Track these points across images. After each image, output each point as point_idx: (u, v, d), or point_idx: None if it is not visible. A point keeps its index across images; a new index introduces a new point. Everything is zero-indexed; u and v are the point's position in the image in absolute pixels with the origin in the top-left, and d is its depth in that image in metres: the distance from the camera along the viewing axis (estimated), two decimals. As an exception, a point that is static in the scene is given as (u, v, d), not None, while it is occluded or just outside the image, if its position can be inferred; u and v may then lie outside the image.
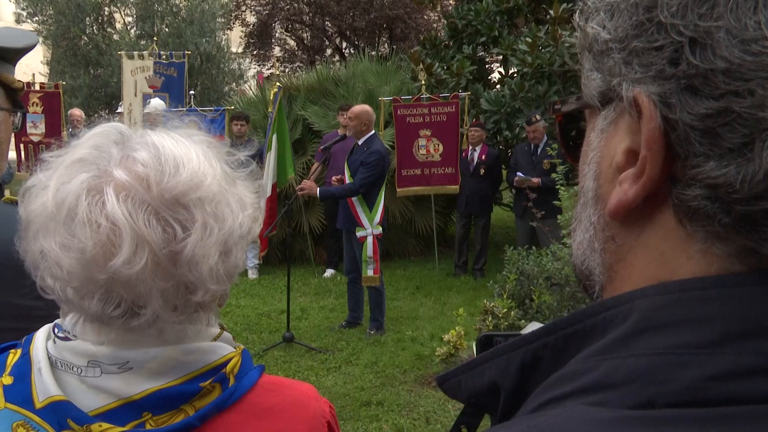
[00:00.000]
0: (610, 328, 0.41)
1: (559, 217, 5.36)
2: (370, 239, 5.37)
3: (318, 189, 5.35)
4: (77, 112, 9.39)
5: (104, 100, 14.91)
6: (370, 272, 5.42)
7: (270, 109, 6.37)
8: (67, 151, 0.82)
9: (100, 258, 0.73)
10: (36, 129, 9.34)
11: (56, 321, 0.86)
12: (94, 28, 15.81)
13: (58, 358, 0.81)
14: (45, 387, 0.78)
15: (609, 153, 0.46)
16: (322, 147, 5.71)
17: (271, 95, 6.40)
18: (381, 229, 5.48)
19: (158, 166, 0.77)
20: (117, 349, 0.79)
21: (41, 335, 0.85)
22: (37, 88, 9.58)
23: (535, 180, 6.80)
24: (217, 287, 0.80)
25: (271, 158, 6.10)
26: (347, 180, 5.41)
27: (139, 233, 0.73)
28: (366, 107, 5.63)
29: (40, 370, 0.80)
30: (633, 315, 0.40)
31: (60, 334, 0.83)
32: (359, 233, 5.37)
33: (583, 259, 0.50)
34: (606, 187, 0.46)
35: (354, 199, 5.33)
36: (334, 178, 5.49)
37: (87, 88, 14.41)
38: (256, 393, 0.85)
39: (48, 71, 15.81)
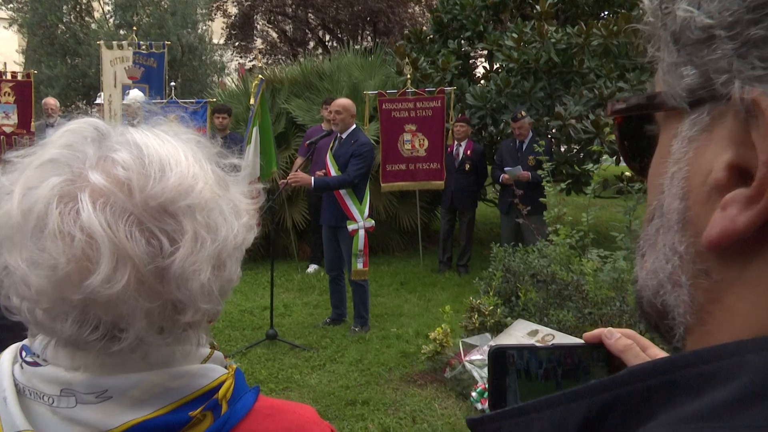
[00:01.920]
0: (709, 387, 0.34)
1: (545, 213, 5.34)
2: (361, 232, 5.30)
3: (312, 179, 5.25)
4: (51, 101, 9.12)
5: (82, 91, 14.61)
6: (360, 266, 5.36)
7: (252, 102, 6.25)
8: (35, 150, 0.71)
9: (74, 276, 0.64)
10: (8, 119, 9.10)
11: (23, 342, 0.76)
12: (72, 16, 15.48)
13: (26, 385, 0.72)
14: (11, 419, 0.69)
15: (701, 167, 0.38)
16: (307, 142, 5.61)
17: (253, 87, 6.27)
18: (373, 221, 5.42)
19: (141, 169, 0.68)
20: (94, 376, 0.70)
21: (6, 358, 0.75)
22: (9, 77, 9.34)
23: (525, 174, 6.75)
24: (208, 306, 0.72)
25: (250, 152, 5.97)
26: (333, 174, 5.32)
27: (119, 247, 0.65)
28: (349, 100, 5.58)
29: (5, 399, 0.71)
30: (744, 374, 0.33)
31: (28, 359, 0.74)
32: (351, 227, 5.29)
33: (659, 292, 0.41)
34: (699, 210, 0.38)
35: (343, 192, 5.26)
36: (318, 172, 5.39)
37: (64, 78, 14.11)
38: (252, 420, 0.77)
39: (23, 60, 15.46)
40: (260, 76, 6.11)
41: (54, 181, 0.67)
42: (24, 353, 0.74)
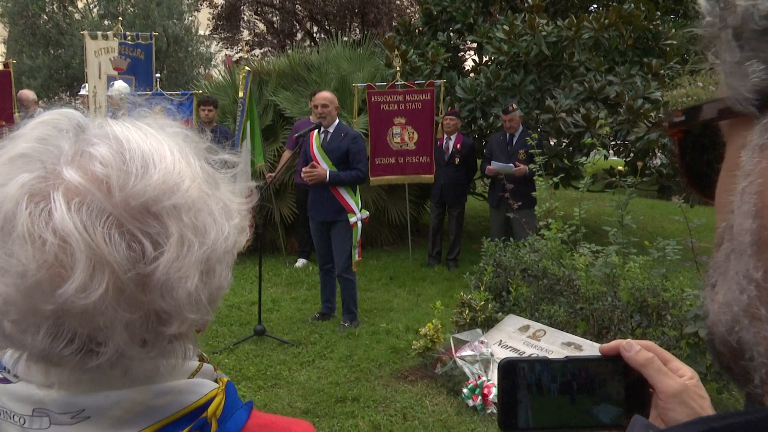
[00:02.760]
0: None
1: (536, 207, 5.30)
2: (360, 224, 5.29)
3: (328, 172, 5.19)
4: (27, 93, 8.87)
5: (65, 82, 14.39)
6: (356, 257, 5.35)
7: (240, 95, 6.14)
8: (4, 143, 0.64)
9: (45, 284, 0.58)
10: (-11, 111, 8.90)
11: None
12: (55, 6, 15.21)
13: None
14: None
15: None
16: (296, 135, 5.52)
17: (241, 80, 6.17)
18: (367, 212, 5.42)
19: (122, 165, 0.61)
20: (70, 394, 0.64)
21: None
22: (-13, 68, 9.12)
23: (522, 168, 6.65)
24: (196, 316, 0.65)
25: (246, 147, 5.88)
26: (324, 167, 5.23)
27: (96, 251, 0.58)
28: (329, 92, 5.54)
29: None
30: None
31: None
32: (351, 219, 5.26)
33: (733, 328, 0.36)
34: None
35: (340, 187, 5.22)
36: (309, 166, 5.30)
37: (46, 68, 13.88)
38: None
39: (5, 51, 15.18)
40: (247, 68, 6.01)
41: (24, 178, 0.60)
42: None
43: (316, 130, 5.34)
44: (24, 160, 0.62)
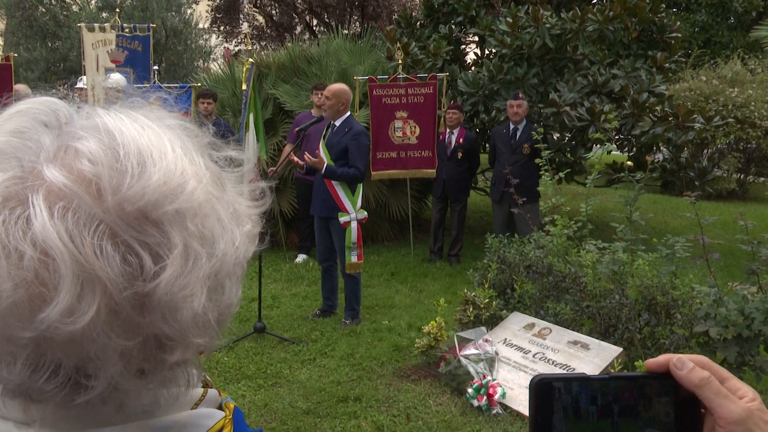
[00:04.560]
0: None
1: (540, 203, 5.21)
2: (354, 224, 5.13)
3: (325, 164, 5.07)
4: (21, 87, 8.70)
5: (63, 75, 14.27)
6: (354, 258, 5.20)
7: (244, 87, 6.04)
8: None
9: (23, 307, 0.49)
10: (-12, 104, 8.76)
11: None
12: (52, -2, 15.08)
13: None
14: None
15: None
16: (297, 129, 5.41)
17: (244, 72, 6.05)
18: (365, 213, 5.25)
19: (115, 163, 0.52)
20: None
21: None
22: (-14, 61, 8.99)
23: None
24: (203, 339, 0.56)
25: (250, 139, 5.77)
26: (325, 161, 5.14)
27: (85, 267, 0.49)
28: (343, 85, 5.34)
29: None
30: None
31: None
32: (342, 219, 5.11)
33: None
34: None
35: (336, 184, 5.09)
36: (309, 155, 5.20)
37: (44, 61, 13.76)
38: None
39: (2, 43, 15.05)
40: (250, 60, 5.90)
41: None
42: None
43: (329, 123, 5.25)
44: None
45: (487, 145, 8.37)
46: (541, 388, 0.61)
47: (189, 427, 0.59)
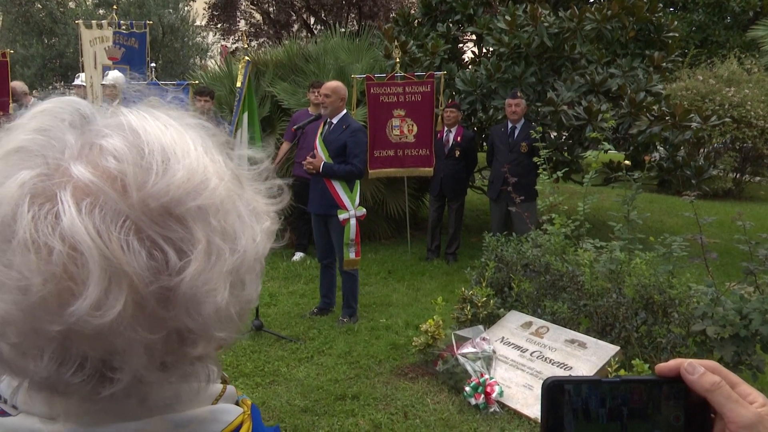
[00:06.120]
0: None
1: (538, 202, 5.22)
2: (353, 221, 5.14)
3: (323, 163, 5.08)
4: (18, 84, 8.63)
5: (59, 71, 14.22)
6: (351, 255, 5.21)
7: (239, 85, 6.02)
8: None
9: (52, 301, 0.49)
10: (-16, 102, 8.73)
11: None
12: (48, -6, 15.01)
13: None
14: None
15: None
16: (295, 127, 5.41)
17: (240, 69, 6.04)
18: (364, 210, 5.26)
19: (139, 160, 0.53)
20: (78, 427, 0.56)
21: None
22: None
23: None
24: (224, 334, 0.57)
25: (243, 137, 5.76)
26: (323, 159, 5.14)
27: (112, 262, 0.49)
28: (339, 83, 5.36)
29: None
30: None
31: None
32: (342, 216, 5.13)
33: None
34: None
35: (334, 181, 5.10)
36: (308, 157, 5.20)
37: (40, 58, 13.72)
38: None
39: (-2, 39, 14.99)
40: (246, 57, 5.88)
41: (24, 176, 0.51)
42: None
43: (325, 120, 5.24)
44: (22, 154, 0.53)
45: (485, 144, 8.38)
46: (553, 390, 0.61)
47: (209, 422, 0.60)
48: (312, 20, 20.26)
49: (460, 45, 9.71)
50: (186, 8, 16.54)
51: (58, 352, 0.51)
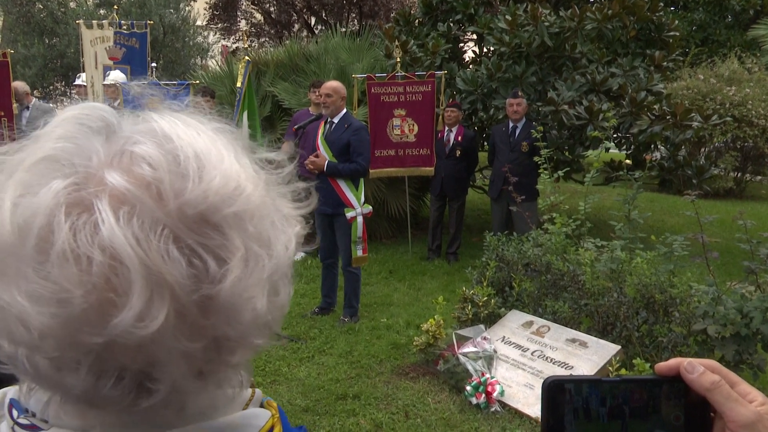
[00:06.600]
0: None
1: (539, 201, 5.22)
2: (360, 219, 5.16)
3: (326, 162, 5.09)
4: (19, 84, 8.61)
5: (60, 72, 14.23)
6: (359, 252, 5.23)
7: (239, 84, 6.03)
8: (24, 144, 0.54)
9: (94, 313, 0.48)
10: (-14, 102, 8.72)
11: (9, 395, 0.59)
12: (49, -6, 15.02)
13: None
14: None
15: None
16: (295, 126, 5.41)
17: (240, 69, 6.05)
18: (370, 207, 5.29)
19: (175, 167, 0.52)
20: None
21: None
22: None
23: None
24: (261, 341, 0.57)
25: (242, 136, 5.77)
26: (326, 158, 5.15)
27: (153, 271, 0.48)
28: (339, 82, 5.38)
29: None
30: None
31: (22, 420, 0.57)
32: (349, 214, 5.15)
33: None
34: None
35: (339, 179, 5.11)
36: (311, 157, 5.20)
37: (41, 58, 13.72)
38: None
39: (-1, 39, 15.00)
40: (246, 57, 5.89)
41: (57, 185, 0.50)
42: (16, 411, 0.57)
43: (325, 120, 5.25)
44: (50, 163, 0.52)
45: (486, 144, 8.37)
46: (553, 390, 0.62)
47: (242, 428, 0.59)
48: (313, 20, 20.27)
49: (461, 44, 9.70)
50: (187, 8, 16.56)
51: (96, 364, 0.50)
